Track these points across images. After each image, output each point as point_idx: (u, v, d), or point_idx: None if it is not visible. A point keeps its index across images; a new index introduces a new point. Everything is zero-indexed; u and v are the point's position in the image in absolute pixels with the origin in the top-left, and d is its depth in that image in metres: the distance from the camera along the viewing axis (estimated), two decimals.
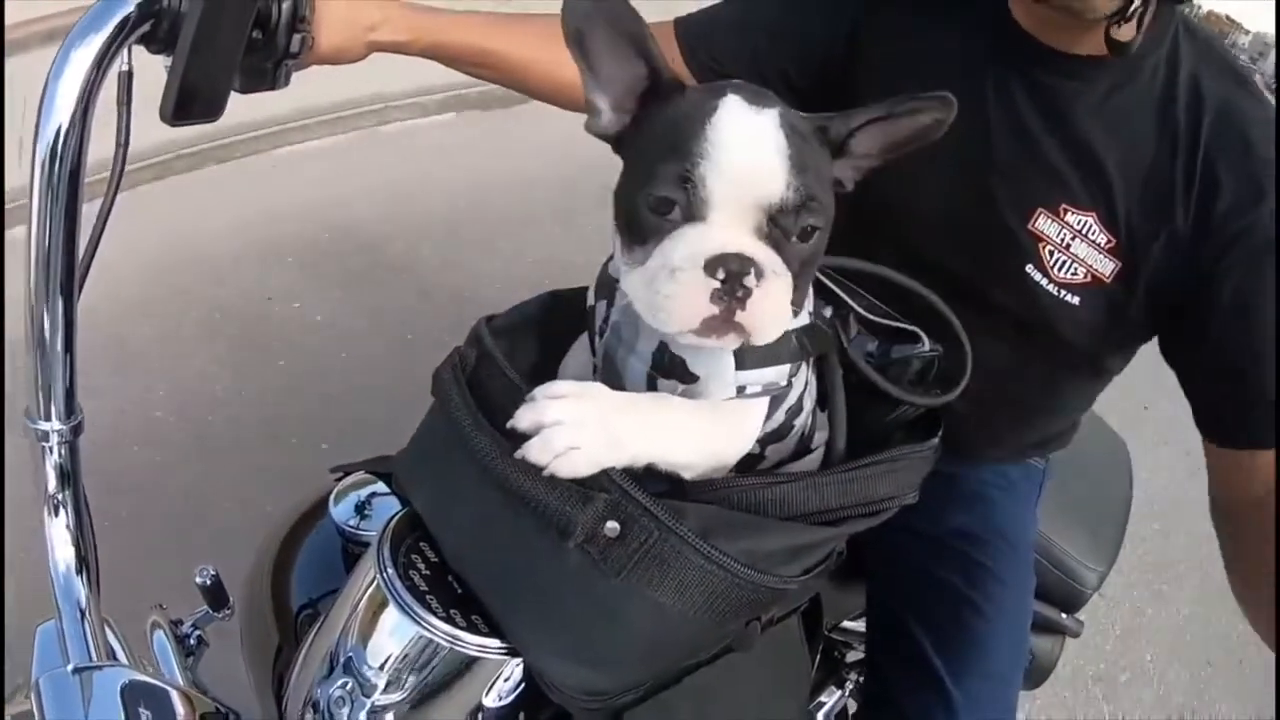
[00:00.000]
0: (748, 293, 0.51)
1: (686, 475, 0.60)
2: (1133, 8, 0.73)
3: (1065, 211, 0.83)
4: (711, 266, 0.51)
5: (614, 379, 0.65)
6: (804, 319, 0.64)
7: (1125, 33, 0.78)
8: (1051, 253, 0.83)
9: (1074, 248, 0.83)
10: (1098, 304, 0.84)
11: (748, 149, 0.52)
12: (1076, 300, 0.84)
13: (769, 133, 0.52)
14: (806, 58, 0.96)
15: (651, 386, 0.63)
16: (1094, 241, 0.82)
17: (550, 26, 0.92)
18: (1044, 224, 0.83)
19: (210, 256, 2.74)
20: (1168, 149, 0.80)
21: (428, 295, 2.79)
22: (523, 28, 0.93)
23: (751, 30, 0.97)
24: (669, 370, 0.61)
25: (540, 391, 0.57)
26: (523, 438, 0.55)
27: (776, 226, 0.52)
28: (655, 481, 0.60)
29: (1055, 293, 0.84)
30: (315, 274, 2.78)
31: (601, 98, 0.59)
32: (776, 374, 0.62)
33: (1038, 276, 0.84)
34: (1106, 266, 0.82)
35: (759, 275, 0.51)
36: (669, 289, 0.52)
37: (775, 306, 0.53)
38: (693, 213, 0.52)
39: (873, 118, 0.58)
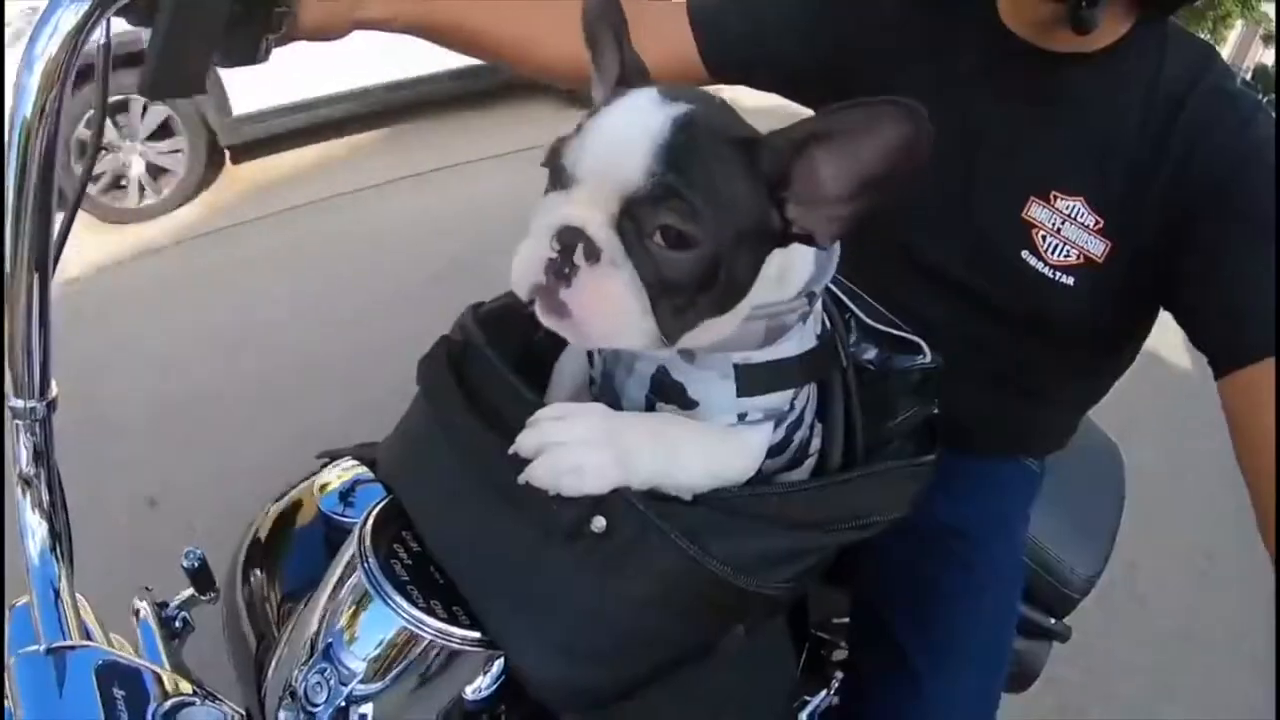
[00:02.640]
0: (575, 270, 0.49)
1: (687, 497, 0.59)
2: None
3: (1055, 197, 0.85)
4: (553, 235, 0.49)
5: (612, 399, 0.64)
6: (810, 341, 0.63)
7: (1110, 33, 0.81)
8: (1044, 237, 0.85)
9: (1065, 231, 0.84)
10: (1093, 283, 0.85)
11: (619, 130, 0.49)
12: (1071, 281, 0.85)
13: (652, 122, 0.48)
14: (810, 59, 0.97)
15: (650, 410, 0.62)
16: (1083, 224, 0.84)
17: (534, 4, 0.92)
18: (1036, 210, 0.85)
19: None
20: (1151, 132, 0.81)
21: None
22: (506, 4, 0.92)
23: (763, 26, 0.96)
24: (667, 395, 0.61)
25: (543, 414, 0.57)
26: (511, 434, 0.56)
27: (631, 219, 0.48)
28: None
29: (1051, 275, 0.85)
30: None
31: (598, 91, 0.59)
32: (780, 399, 0.61)
33: (1033, 261, 0.86)
34: (1097, 247, 0.83)
35: (591, 256, 0.48)
36: (520, 248, 0.51)
37: (604, 300, 0.49)
38: (561, 182, 0.51)
39: (810, 134, 0.49)
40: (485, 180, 4.13)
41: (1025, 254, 0.86)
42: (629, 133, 0.48)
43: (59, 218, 0.59)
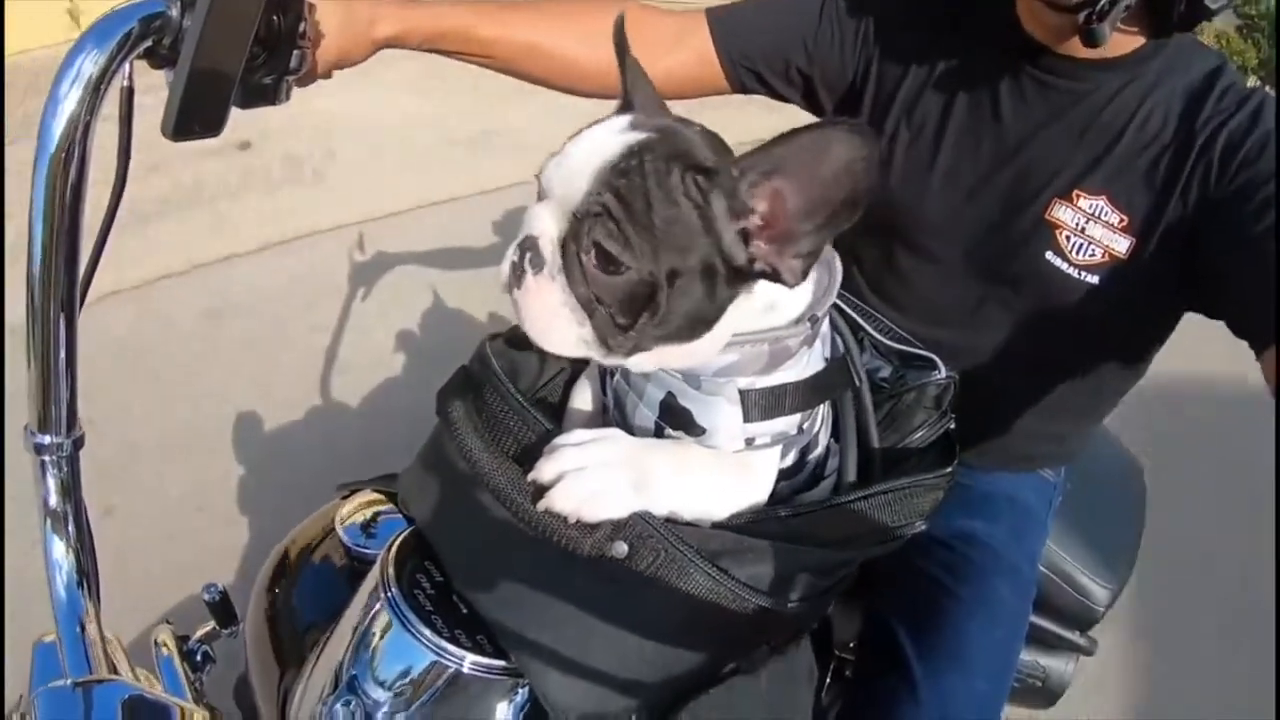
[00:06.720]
0: (522, 275, 0.54)
1: (704, 523, 0.59)
2: (1100, 4, 0.74)
3: (1078, 197, 0.85)
4: (519, 242, 0.54)
5: (624, 425, 0.65)
6: (818, 364, 0.63)
7: (1124, 44, 0.81)
8: (1068, 237, 0.85)
9: (1089, 230, 0.84)
10: (1117, 281, 0.85)
11: (580, 153, 0.52)
12: (1096, 280, 0.85)
13: (608, 147, 0.51)
14: (832, 70, 0.98)
15: (659, 436, 0.63)
16: (1107, 222, 0.84)
17: (547, 11, 0.93)
18: (1060, 211, 0.85)
19: None
20: (1174, 129, 0.82)
21: None
22: (519, 14, 0.94)
23: (781, 36, 0.97)
24: (676, 421, 0.61)
25: (561, 440, 0.57)
26: (530, 461, 0.56)
27: (574, 238, 0.52)
28: None
29: (1076, 275, 0.85)
30: None
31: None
32: (786, 424, 0.61)
33: (1057, 262, 0.86)
34: (1121, 245, 0.83)
35: (536, 266, 0.53)
36: (507, 251, 0.56)
37: (541, 308, 0.53)
38: (540, 195, 0.55)
39: (763, 162, 0.50)
40: None
41: (1049, 255, 0.86)
42: (586, 155, 0.51)
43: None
